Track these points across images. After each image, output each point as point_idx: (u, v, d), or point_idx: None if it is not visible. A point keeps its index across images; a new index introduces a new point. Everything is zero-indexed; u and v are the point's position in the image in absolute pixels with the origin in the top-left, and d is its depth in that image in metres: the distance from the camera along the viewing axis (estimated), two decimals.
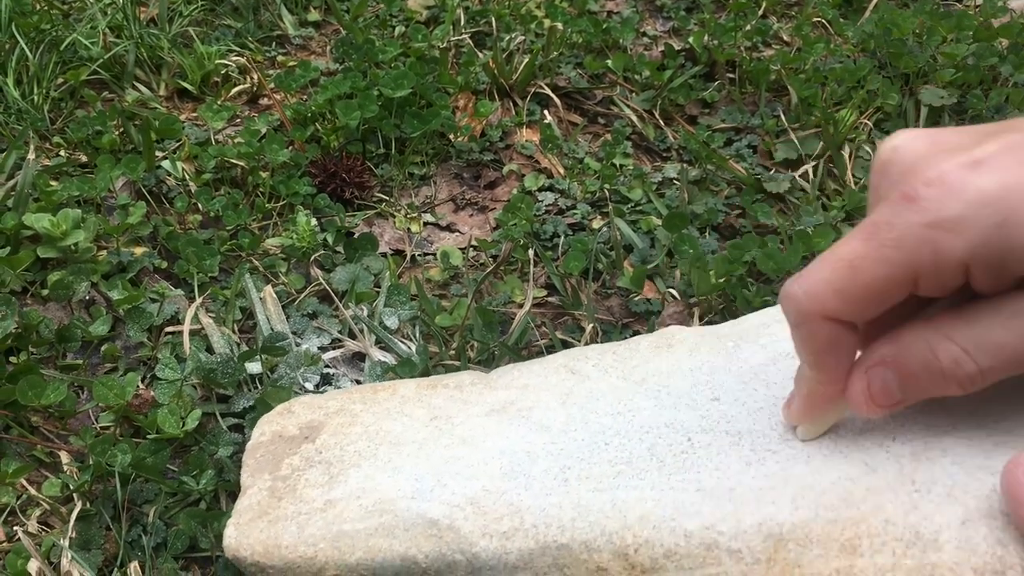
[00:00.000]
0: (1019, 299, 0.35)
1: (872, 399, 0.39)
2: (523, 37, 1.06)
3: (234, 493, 0.60)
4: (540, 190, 0.89)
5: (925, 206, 0.34)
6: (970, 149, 0.35)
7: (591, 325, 0.72)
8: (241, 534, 0.46)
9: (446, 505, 0.43)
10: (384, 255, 0.81)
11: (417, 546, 0.42)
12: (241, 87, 0.99)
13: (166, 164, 0.87)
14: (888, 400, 0.39)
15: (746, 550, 0.39)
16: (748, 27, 1.08)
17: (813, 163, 0.91)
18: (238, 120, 0.95)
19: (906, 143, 0.37)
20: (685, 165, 0.91)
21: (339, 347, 0.72)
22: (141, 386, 0.67)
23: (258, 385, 0.68)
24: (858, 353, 0.40)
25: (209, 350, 0.70)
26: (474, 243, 0.83)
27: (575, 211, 0.86)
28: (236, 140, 0.90)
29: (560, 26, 1.06)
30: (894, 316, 0.39)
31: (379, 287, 0.77)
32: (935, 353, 0.37)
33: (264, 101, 0.98)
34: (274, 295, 0.74)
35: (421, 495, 0.44)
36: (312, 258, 0.79)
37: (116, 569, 0.57)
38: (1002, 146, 0.35)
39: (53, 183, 0.83)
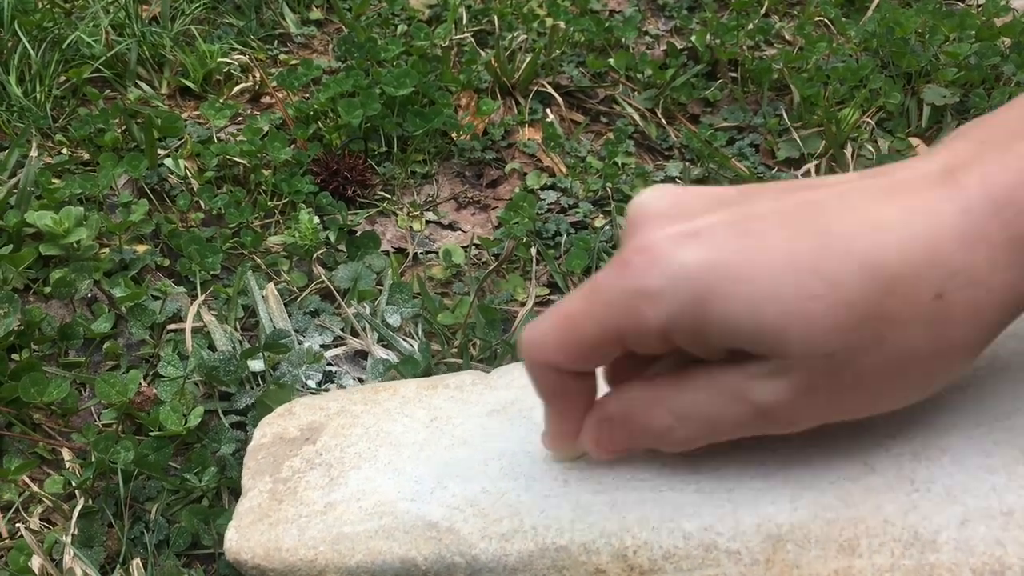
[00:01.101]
0: (722, 375, 0.36)
1: (601, 447, 0.41)
2: (525, 36, 1.06)
3: (236, 490, 0.60)
4: (542, 188, 0.89)
5: (631, 273, 0.35)
6: (696, 218, 0.35)
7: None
8: (242, 537, 0.46)
9: (446, 507, 0.44)
10: (386, 253, 0.81)
11: (417, 548, 0.43)
12: (243, 85, 0.99)
13: (168, 162, 0.87)
14: (616, 448, 0.41)
15: (745, 551, 0.39)
16: (750, 26, 1.08)
17: (815, 162, 0.91)
18: (240, 118, 0.95)
19: (649, 201, 0.38)
20: (687, 164, 0.91)
21: (341, 345, 0.72)
22: (143, 383, 0.67)
23: (260, 383, 0.68)
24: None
25: (211, 348, 0.70)
26: (476, 241, 0.83)
27: (577, 209, 0.86)
28: (238, 138, 0.90)
29: (562, 25, 1.06)
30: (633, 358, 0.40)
31: (381, 285, 0.77)
32: (650, 418, 0.39)
33: (266, 99, 0.98)
34: (276, 293, 0.74)
35: (421, 497, 0.44)
36: (314, 256, 0.79)
37: (118, 566, 0.57)
38: (725, 218, 0.35)
39: (55, 181, 0.83)
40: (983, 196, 0.34)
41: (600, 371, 0.42)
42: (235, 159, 0.87)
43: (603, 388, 0.42)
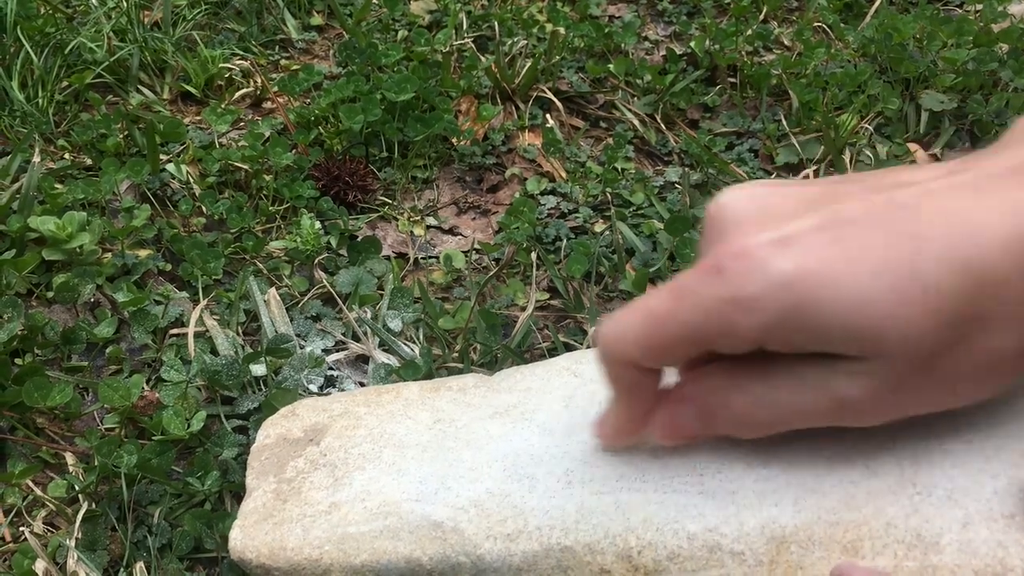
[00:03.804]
0: (806, 366, 0.37)
1: (672, 431, 0.41)
2: (525, 41, 1.07)
3: (239, 494, 0.60)
4: (542, 194, 0.89)
5: (727, 280, 0.35)
6: (786, 222, 0.36)
7: (593, 328, 0.72)
8: (246, 536, 0.46)
9: (450, 508, 0.44)
10: (387, 258, 0.81)
11: (422, 548, 0.43)
12: (245, 91, 0.99)
13: (170, 167, 0.87)
14: (689, 433, 0.41)
15: (748, 552, 0.39)
16: (749, 32, 1.09)
17: (814, 167, 0.91)
18: (242, 123, 0.95)
19: (733, 202, 0.38)
20: (687, 169, 0.92)
21: (343, 349, 0.72)
22: (146, 388, 0.67)
23: (263, 387, 0.68)
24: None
25: (214, 352, 0.71)
26: (477, 246, 0.83)
27: (577, 214, 0.86)
28: (240, 143, 0.91)
29: (562, 30, 1.06)
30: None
31: (382, 290, 0.77)
32: (731, 405, 0.39)
33: (268, 105, 0.99)
34: (278, 298, 0.75)
35: (425, 497, 0.45)
36: (316, 261, 0.79)
37: (122, 569, 0.57)
38: (817, 223, 0.35)
39: (58, 186, 0.83)
40: None
41: None
42: (237, 164, 0.87)
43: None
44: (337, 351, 0.72)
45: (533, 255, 0.80)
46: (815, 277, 0.34)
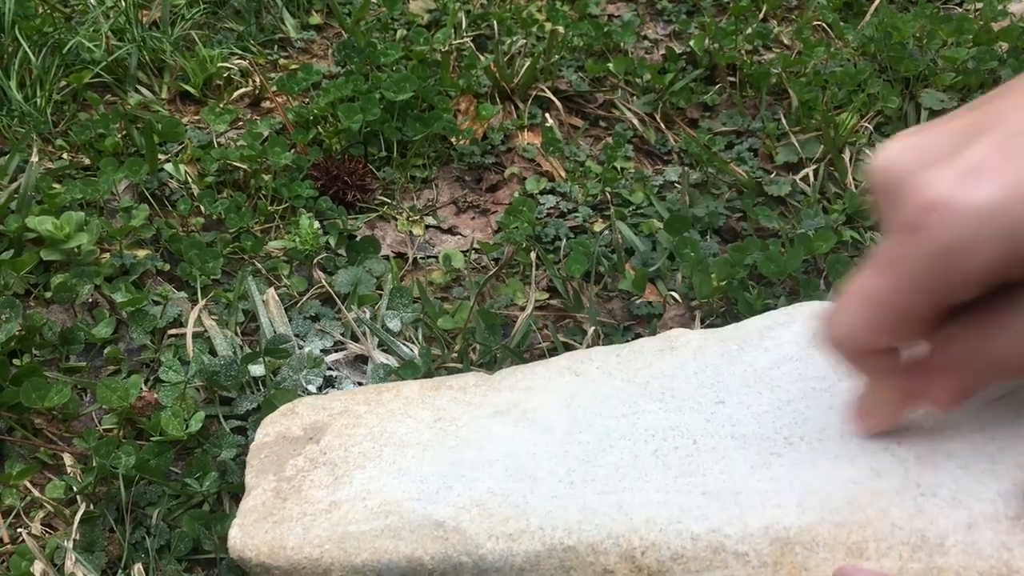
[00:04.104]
0: None
1: (950, 397, 0.39)
2: (524, 40, 1.06)
3: (237, 495, 0.60)
4: (542, 193, 0.89)
5: (931, 235, 0.34)
6: (959, 155, 0.35)
7: (593, 328, 0.72)
8: (246, 535, 0.46)
9: (452, 507, 0.44)
10: (386, 258, 0.81)
11: (423, 548, 0.43)
12: (243, 90, 0.99)
13: (169, 167, 0.87)
14: (966, 392, 0.39)
15: (753, 553, 0.39)
16: (749, 31, 1.09)
17: (814, 166, 0.91)
18: (240, 123, 0.95)
19: (893, 158, 0.37)
20: (686, 168, 0.91)
21: (342, 350, 0.72)
22: (144, 388, 0.67)
23: (261, 387, 0.68)
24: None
25: (212, 352, 0.70)
26: (476, 246, 0.83)
27: (576, 214, 0.86)
28: (238, 143, 0.90)
29: (561, 29, 1.06)
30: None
31: (381, 290, 0.77)
32: (989, 348, 0.37)
33: (266, 104, 0.98)
34: (277, 298, 0.74)
35: (427, 497, 0.44)
36: (314, 261, 0.79)
37: (120, 571, 0.57)
38: (990, 146, 0.34)
39: (56, 186, 0.83)
40: None
41: None
42: (235, 164, 0.87)
43: None
44: (336, 351, 0.72)
45: (532, 255, 0.79)
46: (1016, 198, 0.33)
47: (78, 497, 0.60)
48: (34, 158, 0.83)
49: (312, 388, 0.68)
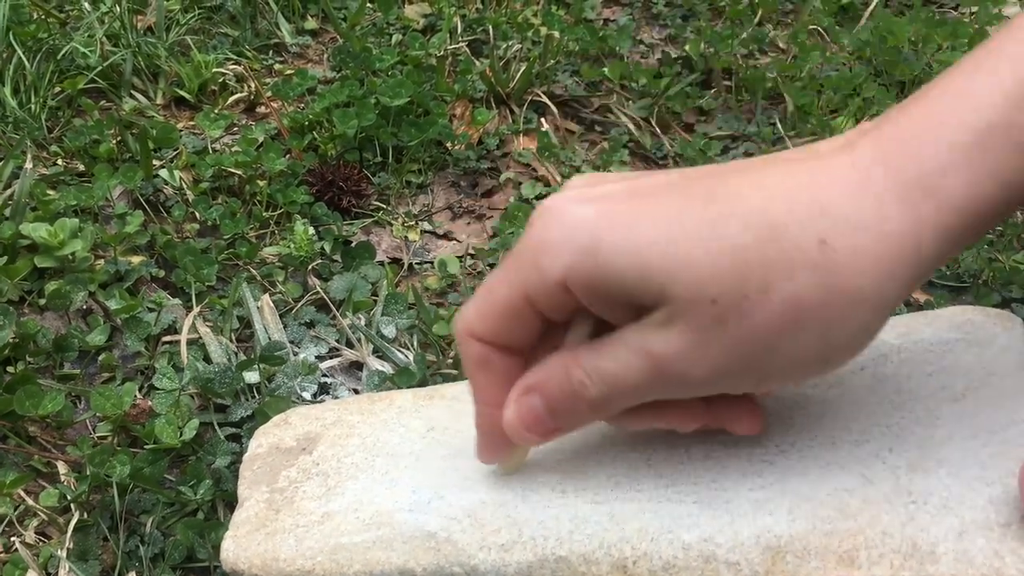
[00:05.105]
0: (626, 332, 0.38)
1: (524, 425, 0.41)
2: (520, 45, 1.06)
3: (232, 503, 0.60)
4: (537, 198, 0.89)
5: (533, 232, 0.38)
6: (598, 187, 0.39)
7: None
8: (239, 547, 0.46)
9: (443, 517, 0.44)
10: (381, 264, 0.81)
11: (415, 559, 0.42)
12: (238, 96, 0.99)
13: (163, 173, 0.87)
14: (540, 426, 0.41)
15: (744, 562, 0.39)
16: (744, 35, 1.09)
17: None
18: (235, 129, 0.95)
19: (567, 182, 0.41)
20: None
21: (337, 356, 0.72)
22: (139, 396, 0.67)
23: (256, 394, 0.68)
24: None
25: (207, 359, 0.70)
26: (471, 251, 0.83)
27: None
28: (233, 149, 0.90)
29: (557, 34, 1.06)
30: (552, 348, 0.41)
31: (376, 296, 0.77)
32: (568, 377, 0.39)
33: (261, 109, 0.98)
34: (272, 304, 0.74)
35: (419, 507, 0.44)
36: (309, 267, 0.79)
37: None
38: (624, 185, 0.38)
39: (50, 192, 0.83)
40: (873, 151, 0.36)
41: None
42: (230, 170, 0.87)
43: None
44: (331, 358, 0.72)
45: None
46: (607, 220, 0.36)
47: (72, 505, 0.60)
48: (28, 164, 0.83)
49: (307, 395, 0.68)
